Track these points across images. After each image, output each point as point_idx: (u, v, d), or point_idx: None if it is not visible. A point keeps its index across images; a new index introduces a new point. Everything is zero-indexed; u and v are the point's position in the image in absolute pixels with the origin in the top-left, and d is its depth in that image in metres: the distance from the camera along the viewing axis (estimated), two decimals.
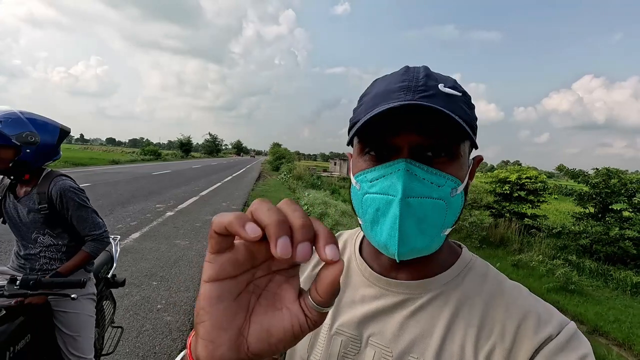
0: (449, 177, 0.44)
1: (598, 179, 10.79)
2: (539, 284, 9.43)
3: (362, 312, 0.50)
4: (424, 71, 0.46)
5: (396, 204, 0.41)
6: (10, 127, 1.32)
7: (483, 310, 0.47)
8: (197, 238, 5.31)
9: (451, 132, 0.43)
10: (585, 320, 7.60)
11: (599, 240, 10.15)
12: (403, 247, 0.43)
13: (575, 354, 0.40)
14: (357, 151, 0.49)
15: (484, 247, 12.39)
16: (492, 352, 0.44)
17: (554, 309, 0.48)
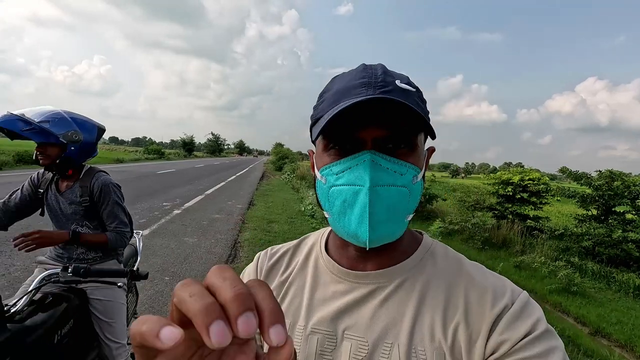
0: (409, 165, 0.47)
1: (601, 181, 10.82)
2: (541, 285, 9.47)
3: (334, 308, 0.51)
4: (381, 68, 0.48)
5: (365, 193, 0.44)
6: (57, 126, 1.41)
7: (447, 291, 0.49)
8: (205, 235, 5.40)
9: (409, 124, 0.46)
10: (588, 322, 7.64)
11: (602, 242, 10.17)
12: (373, 233, 0.44)
13: (529, 320, 0.44)
14: (322, 147, 0.50)
15: (487, 248, 12.42)
16: (457, 328, 0.46)
17: (509, 281, 0.51)
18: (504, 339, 0.43)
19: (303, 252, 0.62)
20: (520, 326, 0.43)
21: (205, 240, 5.15)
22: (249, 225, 6.25)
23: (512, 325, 0.44)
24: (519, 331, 0.43)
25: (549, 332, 0.44)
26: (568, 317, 8.03)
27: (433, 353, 0.45)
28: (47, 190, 1.51)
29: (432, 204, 16.29)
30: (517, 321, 0.44)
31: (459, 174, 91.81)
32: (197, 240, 5.14)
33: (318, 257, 0.59)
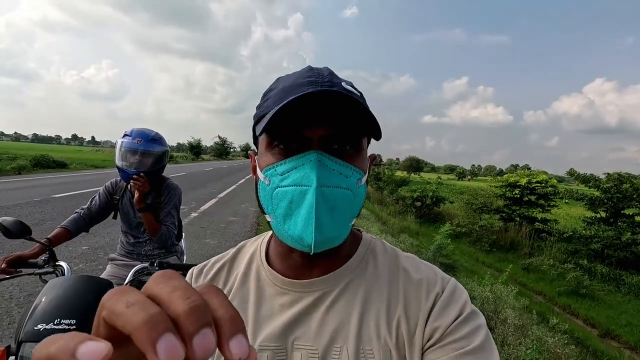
0: (354, 168, 0.46)
1: (610, 184, 10.82)
2: (550, 287, 9.52)
3: (282, 321, 0.49)
4: (327, 70, 0.48)
5: (311, 193, 0.42)
6: (162, 144, 1.69)
7: (388, 287, 0.50)
8: (224, 237, 5.63)
9: (356, 123, 0.44)
10: (597, 323, 7.70)
11: (611, 245, 10.17)
12: (319, 236, 0.42)
13: (457, 304, 0.46)
14: (265, 145, 0.48)
15: (494, 250, 12.49)
16: (399, 322, 0.47)
17: (439, 270, 0.53)
18: (437, 326, 0.45)
19: (242, 264, 0.57)
20: (451, 311, 0.45)
21: (225, 242, 5.38)
22: (263, 228, 6.48)
23: (443, 312, 0.46)
24: (450, 316, 0.45)
25: (474, 312, 0.46)
26: (577, 319, 8.09)
27: (380, 351, 0.45)
28: (122, 197, 1.73)
29: (439, 207, 16.39)
30: (447, 308, 0.46)
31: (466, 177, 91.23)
32: (218, 242, 5.37)
33: (259, 268, 0.55)
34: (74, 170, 17.34)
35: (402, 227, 11.96)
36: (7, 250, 4.01)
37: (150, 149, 1.62)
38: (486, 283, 4.20)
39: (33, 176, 12.98)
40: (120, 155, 1.60)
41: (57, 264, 1.38)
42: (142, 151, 1.59)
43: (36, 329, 0.99)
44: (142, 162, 1.59)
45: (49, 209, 6.51)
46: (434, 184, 17.32)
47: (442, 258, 6.98)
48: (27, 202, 7.05)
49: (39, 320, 1.00)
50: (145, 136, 1.63)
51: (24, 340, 0.97)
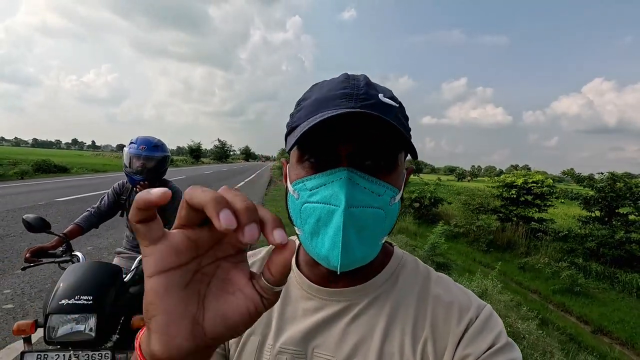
0: (388, 186, 0.44)
1: (603, 183, 10.99)
2: (545, 286, 9.67)
3: (304, 326, 0.49)
4: (364, 80, 0.46)
5: (339, 214, 0.41)
6: (164, 150, 1.91)
7: (416, 306, 0.48)
8: None
9: (391, 142, 0.43)
10: (590, 320, 7.85)
11: (606, 243, 10.31)
12: (345, 258, 0.42)
13: (492, 333, 0.44)
14: (296, 158, 0.47)
15: (491, 250, 12.63)
16: (426, 344, 0.45)
17: (473, 295, 0.50)
18: (468, 353, 0.43)
19: None
20: (483, 340, 0.44)
21: None
22: None
23: (475, 339, 0.44)
24: (482, 345, 0.43)
25: (510, 344, 0.44)
26: (571, 316, 8.24)
27: None
28: (128, 197, 1.92)
29: (437, 208, 16.53)
30: (480, 335, 0.44)
31: (465, 177, 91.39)
32: None
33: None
34: (75, 175, 17.54)
35: (400, 228, 12.13)
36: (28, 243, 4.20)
37: (152, 154, 1.82)
38: (475, 279, 4.38)
39: (35, 181, 13.17)
40: (127, 161, 1.80)
41: (74, 254, 1.57)
42: (145, 156, 1.79)
43: (60, 303, 1.18)
44: (146, 167, 1.79)
45: (53, 212, 6.70)
46: (432, 185, 17.47)
47: (437, 257, 7.15)
48: (31, 205, 7.24)
49: (62, 297, 1.19)
50: (149, 143, 1.83)
51: (50, 313, 1.17)
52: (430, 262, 5.95)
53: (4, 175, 13.45)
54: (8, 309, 2.80)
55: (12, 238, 4.84)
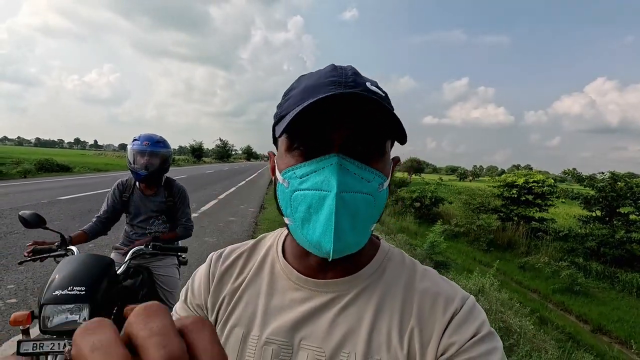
0: (377, 172, 0.44)
1: (604, 183, 10.97)
2: (545, 285, 9.67)
3: (292, 317, 0.49)
4: (351, 69, 0.46)
5: (331, 199, 0.41)
6: (166, 146, 1.95)
7: (403, 297, 0.49)
8: (222, 236, 5.88)
9: (380, 126, 0.43)
10: (589, 319, 7.86)
11: (606, 243, 10.29)
12: (338, 243, 0.42)
13: (475, 323, 0.45)
14: (285, 147, 0.46)
15: (492, 250, 12.64)
16: (412, 334, 0.46)
17: (458, 286, 0.52)
18: (452, 341, 0.44)
19: (259, 255, 0.57)
20: (467, 329, 0.45)
21: (223, 241, 5.64)
22: (261, 227, 6.70)
23: (460, 328, 0.45)
24: (466, 334, 0.44)
25: (492, 334, 0.45)
26: (570, 315, 8.25)
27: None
28: (131, 194, 1.97)
29: (438, 207, 16.56)
30: (464, 324, 0.45)
31: (467, 177, 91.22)
32: (216, 240, 5.62)
33: (275, 261, 0.55)
34: (77, 174, 17.65)
35: (400, 228, 12.16)
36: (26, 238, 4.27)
37: (156, 150, 1.86)
38: (472, 277, 4.41)
39: (38, 180, 13.28)
40: (131, 157, 1.85)
41: (68, 248, 1.61)
42: (150, 152, 1.84)
43: (54, 294, 1.22)
44: (150, 162, 1.83)
45: (55, 211, 6.77)
46: (433, 185, 17.49)
47: (436, 255, 7.18)
48: (34, 204, 7.31)
49: (56, 287, 1.23)
50: (152, 139, 1.88)
51: (44, 304, 1.21)
52: (428, 261, 5.99)
53: (7, 174, 13.56)
54: (12, 303, 2.86)
55: (15, 235, 4.90)
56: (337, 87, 0.42)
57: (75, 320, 1.20)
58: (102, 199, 1.99)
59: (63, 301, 1.20)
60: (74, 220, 6.04)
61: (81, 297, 1.22)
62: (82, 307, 1.22)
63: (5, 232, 5.03)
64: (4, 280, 3.30)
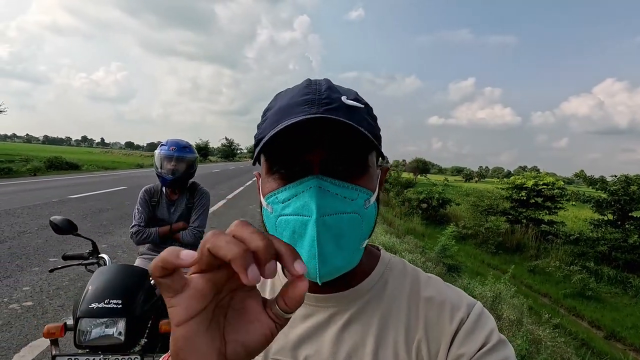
0: (360, 189, 0.43)
1: (617, 186, 10.79)
2: (555, 289, 9.54)
3: (295, 335, 0.49)
4: (325, 84, 0.45)
5: (312, 225, 0.40)
6: (192, 152, 1.94)
7: (408, 308, 0.48)
8: None
9: (358, 145, 0.43)
10: (602, 325, 7.73)
11: (618, 247, 10.12)
12: (324, 268, 0.41)
13: (483, 332, 0.44)
14: (265, 170, 0.46)
15: (500, 252, 12.49)
16: (420, 345, 0.45)
17: (464, 293, 0.50)
18: (461, 353, 0.43)
19: None
20: (476, 339, 0.44)
21: None
22: None
23: (468, 338, 0.44)
24: (475, 344, 0.43)
25: (502, 342, 0.44)
26: (582, 321, 8.12)
27: None
28: (160, 198, 1.95)
29: (445, 209, 16.42)
30: (472, 334, 0.44)
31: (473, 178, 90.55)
32: None
33: (275, 279, 0.55)
34: (86, 172, 17.78)
35: (408, 229, 12.07)
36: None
37: (183, 155, 1.85)
38: (487, 283, 4.33)
39: (48, 177, 13.38)
40: (158, 162, 1.83)
41: (100, 256, 1.58)
42: (177, 157, 1.83)
43: (90, 307, 1.19)
44: (177, 167, 1.82)
45: (67, 210, 6.80)
46: (440, 186, 17.37)
47: (447, 259, 7.09)
48: (45, 202, 7.35)
49: (92, 300, 1.20)
50: (178, 145, 1.87)
51: (80, 317, 1.17)
52: (440, 265, 5.91)
53: (17, 171, 13.69)
54: (28, 306, 2.85)
55: (29, 235, 4.92)
56: (310, 106, 0.42)
57: (110, 335, 1.17)
58: (111, 198, 1.97)
59: (99, 315, 1.17)
60: (85, 220, 6.05)
61: (118, 311, 1.18)
62: (117, 321, 1.18)
63: (18, 231, 5.04)
64: (19, 282, 3.29)
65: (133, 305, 1.23)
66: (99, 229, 5.44)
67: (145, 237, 1.86)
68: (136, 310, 1.24)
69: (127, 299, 1.23)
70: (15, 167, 14.11)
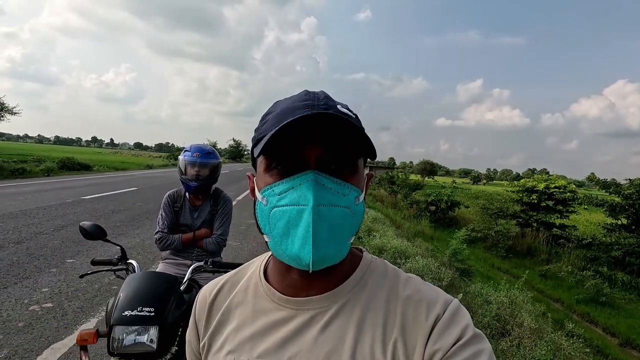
0: (351, 186, 0.46)
1: (631, 190, 10.59)
2: (568, 295, 9.38)
3: (277, 338, 0.50)
4: (323, 94, 0.49)
5: (308, 212, 0.42)
6: (216, 157, 1.96)
7: (385, 308, 0.49)
8: (245, 239, 5.89)
9: (352, 145, 0.46)
10: (617, 332, 7.58)
11: (632, 252, 9.93)
12: (317, 254, 0.43)
13: (458, 326, 0.45)
14: (263, 167, 0.48)
15: (511, 256, 12.34)
16: (396, 345, 0.46)
17: (442, 291, 0.51)
18: (437, 348, 0.44)
19: (242, 281, 0.60)
20: (451, 334, 0.44)
21: (246, 244, 5.65)
22: None
23: (443, 333, 0.45)
24: (450, 338, 0.44)
25: (477, 336, 0.45)
26: (596, 327, 7.97)
27: None
28: (183, 204, 1.96)
29: (454, 211, 16.30)
30: (447, 329, 0.45)
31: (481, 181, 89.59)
32: (240, 244, 5.63)
33: (257, 284, 0.57)
34: (97, 173, 18.04)
35: (416, 231, 11.99)
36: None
37: (207, 161, 1.86)
38: (501, 288, 4.27)
39: (60, 178, 13.61)
40: (183, 168, 1.84)
41: (129, 262, 1.59)
42: (200, 163, 1.84)
43: (124, 314, 1.20)
44: (200, 173, 1.83)
45: (81, 210, 6.90)
46: (449, 188, 17.23)
47: (458, 263, 7.02)
48: (60, 203, 7.48)
49: (125, 308, 1.21)
50: (202, 150, 1.88)
51: (114, 324, 1.19)
52: (453, 269, 5.85)
53: (31, 172, 13.95)
54: (48, 308, 2.89)
55: (45, 236, 5.00)
56: (311, 109, 0.45)
57: (143, 342, 1.18)
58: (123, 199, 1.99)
59: (132, 322, 1.18)
60: (98, 221, 6.12)
61: (150, 319, 1.19)
62: (150, 328, 1.19)
63: (35, 232, 5.13)
64: (38, 283, 3.35)
65: (165, 312, 1.24)
66: (112, 230, 5.51)
67: (170, 244, 1.88)
68: (168, 318, 1.25)
69: (159, 306, 1.24)
70: (29, 168, 14.37)
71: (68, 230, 5.41)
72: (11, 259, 3.93)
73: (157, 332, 1.19)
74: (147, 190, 10.92)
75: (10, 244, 4.47)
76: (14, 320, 2.63)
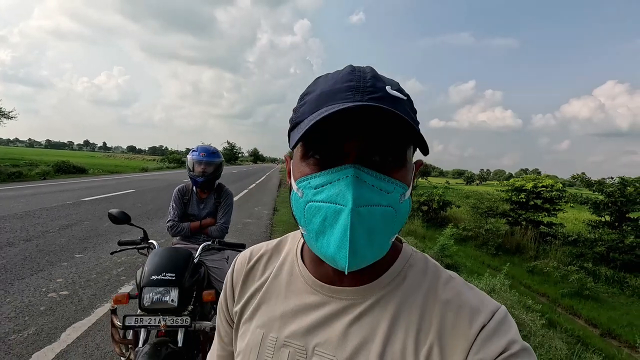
0: (397, 182, 0.42)
1: (613, 188, 11.02)
2: (553, 289, 9.75)
3: (307, 322, 0.49)
4: (370, 72, 0.43)
5: (346, 215, 0.39)
6: (219, 156, 2.24)
7: (422, 309, 0.46)
8: (242, 237, 6.16)
9: (399, 136, 0.41)
10: (599, 324, 7.95)
11: (615, 248, 10.34)
12: (353, 260, 0.40)
13: (504, 338, 0.41)
14: (300, 154, 0.45)
15: (500, 254, 12.71)
16: (431, 351, 0.43)
17: (486, 296, 0.48)
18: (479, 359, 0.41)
19: (280, 256, 0.58)
20: (496, 344, 0.41)
21: (243, 240, 5.93)
22: (277, 229, 6.98)
23: (487, 343, 0.41)
24: (495, 349, 0.41)
25: (525, 350, 0.41)
26: (579, 319, 8.34)
27: None
28: (191, 197, 2.26)
29: (445, 211, 16.66)
30: (492, 339, 0.42)
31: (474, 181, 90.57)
32: (236, 240, 5.89)
33: (293, 264, 0.55)
34: (93, 176, 18.14)
35: (408, 231, 12.33)
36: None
37: (212, 160, 2.17)
38: (483, 279, 4.61)
39: (57, 181, 13.73)
40: (190, 166, 2.16)
41: (150, 242, 1.89)
42: (206, 161, 2.14)
43: (151, 278, 1.50)
44: (206, 170, 2.14)
45: (83, 211, 7.12)
46: (441, 189, 17.61)
47: (446, 258, 7.36)
48: (61, 204, 7.68)
49: (152, 273, 1.51)
50: (207, 150, 2.19)
51: (144, 286, 1.48)
52: (440, 262, 6.18)
53: (27, 175, 14.06)
54: (65, 295, 3.15)
55: (52, 234, 5.22)
56: (355, 94, 0.41)
57: (166, 301, 1.48)
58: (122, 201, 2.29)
59: (157, 284, 1.48)
60: (101, 220, 6.36)
61: (173, 282, 1.49)
62: (171, 290, 1.49)
63: (42, 231, 5.35)
64: (52, 275, 3.60)
65: (183, 277, 1.54)
66: (115, 229, 5.75)
67: (180, 231, 2.17)
68: (185, 282, 1.55)
69: (178, 273, 1.54)
70: (25, 171, 14.49)
71: (73, 229, 5.64)
72: (23, 254, 4.17)
73: (177, 293, 1.49)
74: (146, 192, 11.14)
75: (21, 241, 4.70)
76: (36, 305, 2.90)
